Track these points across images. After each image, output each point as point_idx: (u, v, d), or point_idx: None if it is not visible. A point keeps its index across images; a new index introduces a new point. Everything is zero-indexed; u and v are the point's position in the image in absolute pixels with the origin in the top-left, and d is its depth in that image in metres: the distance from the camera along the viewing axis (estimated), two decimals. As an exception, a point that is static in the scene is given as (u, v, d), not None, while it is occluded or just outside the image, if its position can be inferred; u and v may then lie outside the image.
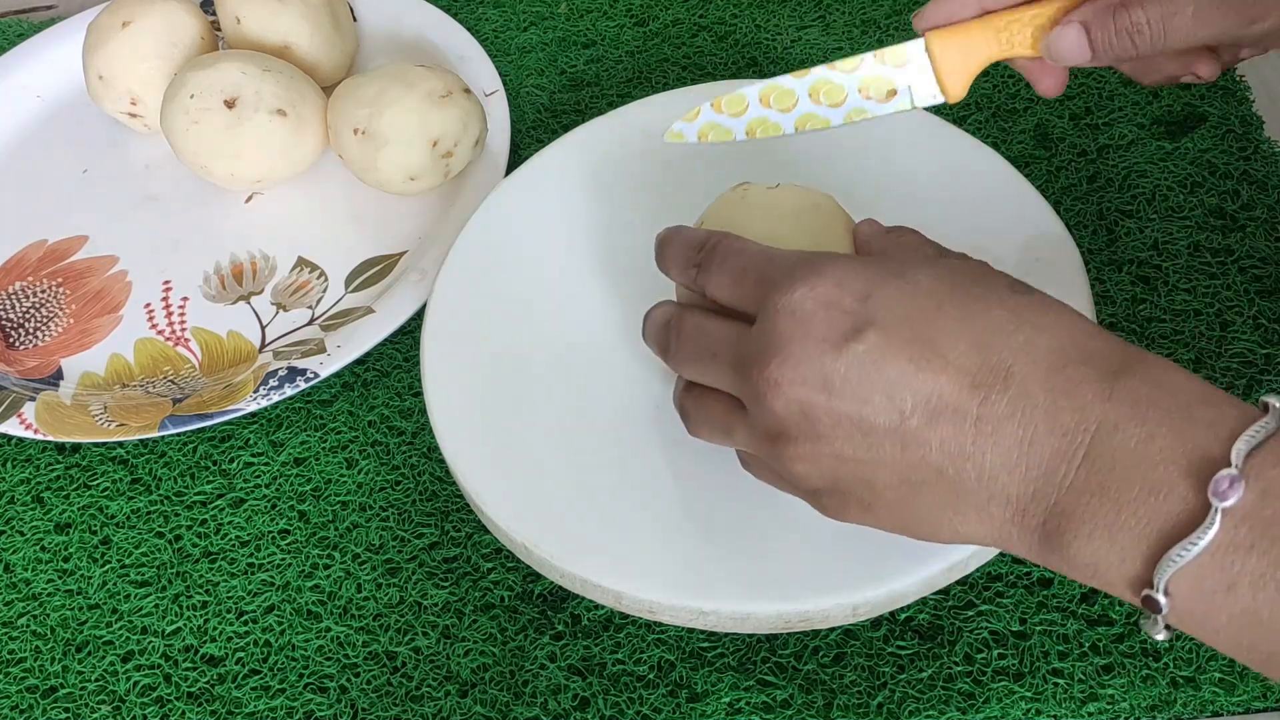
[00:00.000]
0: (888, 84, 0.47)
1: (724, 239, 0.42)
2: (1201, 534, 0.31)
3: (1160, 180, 0.60)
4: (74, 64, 0.72)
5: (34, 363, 0.62)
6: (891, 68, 0.47)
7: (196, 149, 0.63)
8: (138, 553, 0.54)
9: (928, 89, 0.47)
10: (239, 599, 0.52)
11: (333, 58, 0.69)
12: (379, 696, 0.49)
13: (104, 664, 0.51)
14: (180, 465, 0.57)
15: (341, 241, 0.65)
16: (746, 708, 0.47)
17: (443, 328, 0.54)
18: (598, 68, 0.71)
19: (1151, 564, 0.32)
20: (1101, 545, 0.33)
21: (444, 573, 0.52)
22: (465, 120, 0.62)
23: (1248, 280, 0.56)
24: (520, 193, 0.58)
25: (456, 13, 0.75)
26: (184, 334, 0.62)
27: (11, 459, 0.58)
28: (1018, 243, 0.53)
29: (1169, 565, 0.32)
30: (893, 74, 0.47)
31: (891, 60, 0.47)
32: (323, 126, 0.65)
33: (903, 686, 0.46)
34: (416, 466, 0.55)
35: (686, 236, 0.43)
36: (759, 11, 0.73)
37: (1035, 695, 0.46)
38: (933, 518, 0.37)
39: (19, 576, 0.54)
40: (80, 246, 0.67)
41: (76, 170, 0.71)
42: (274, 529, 0.54)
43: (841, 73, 0.47)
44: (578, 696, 0.48)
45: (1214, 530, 0.31)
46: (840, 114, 0.48)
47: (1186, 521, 0.32)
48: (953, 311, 0.36)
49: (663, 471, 0.48)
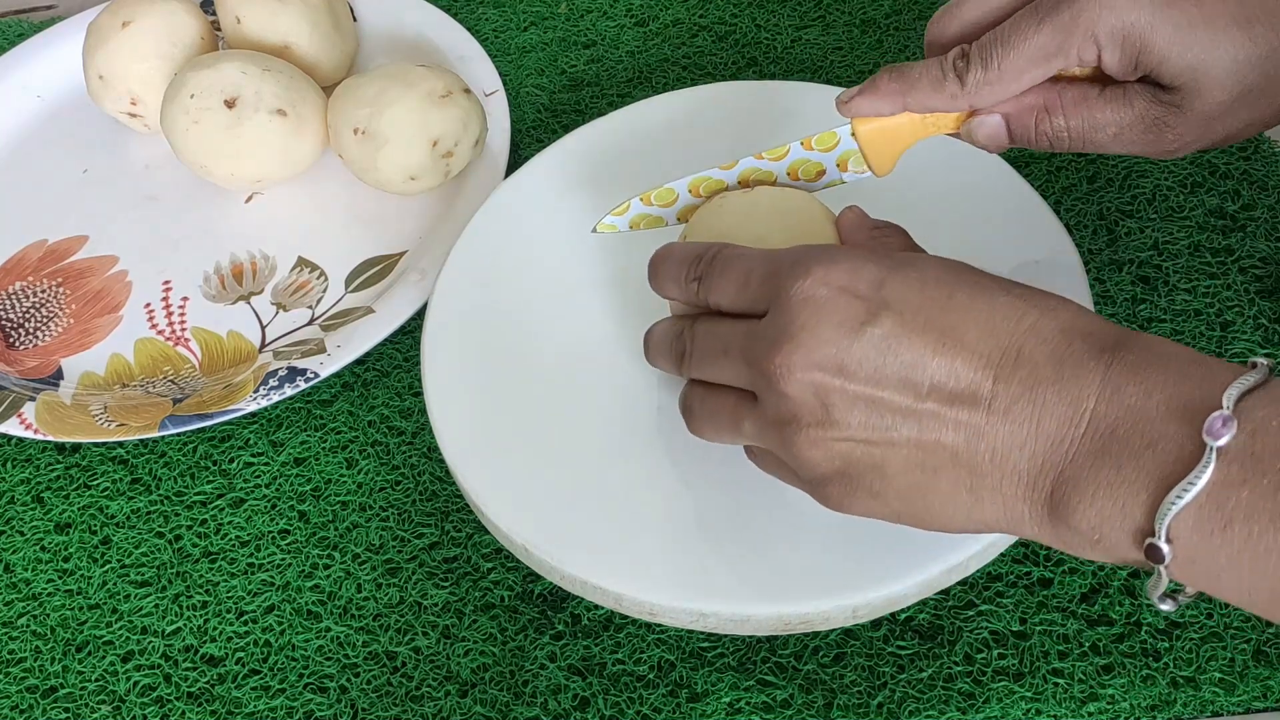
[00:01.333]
0: (817, 166, 0.48)
1: (723, 248, 0.42)
2: (1199, 473, 0.32)
3: (1160, 180, 0.60)
4: (74, 64, 0.72)
5: (34, 363, 0.62)
6: (819, 151, 0.48)
7: (196, 149, 0.63)
8: (138, 553, 0.54)
9: (855, 166, 0.48)
10: (239, 599, 0.52)
11: (333, 58, 0.69)
12: (379, 696, 0.49)
13: (104, 664, 0.51)
14: (180, 465, 0.57)
15: (341, 241, 0.65)
16: (746, 708, 0.47)
17: (443, 328, 0.54)
18: (598, 68, 0.71)
19: (1152, 512, 0.33)
20: (1104, 505, 0.34)
21: (444, 573, 0.52)
22: (465, 120, 0.62)
23: (1248, 280, 0.56)
24: (520, 193, 0.58)
25: (456, 13, 0.75)
26: (184, 334, 0.62)
27: (11, 459, 0.58)
28: (1017, 243, 0.53)
29: (1169, 508, 0.32)
30: (821, 157, 0.48)
31: (819, 145, 0.48)
32: (323, 126, 0.65)
33: (903, 686, 0.46)
34: (416, 466, 0.55)
35: (680, 253, 0.43)
36: (759, 11, 0.73)
37: (1035, 695, 0.46)
38: (946, 503, 0.37)
39: (19, 576, 0.54)
40: (80, 246, 0.67)
41: (76, 170, 0.71)
42: (274, 529, 0.54)
43: (770, 160, 0.48)
44: (578, 696, 0.48)
45: (1210, 469, 0.32)
46: None
47: (1184, 466, 0.33)
48: (963, 299, 0.37)
49: (663, 473, 0.48)
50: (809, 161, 0.48)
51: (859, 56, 0.69)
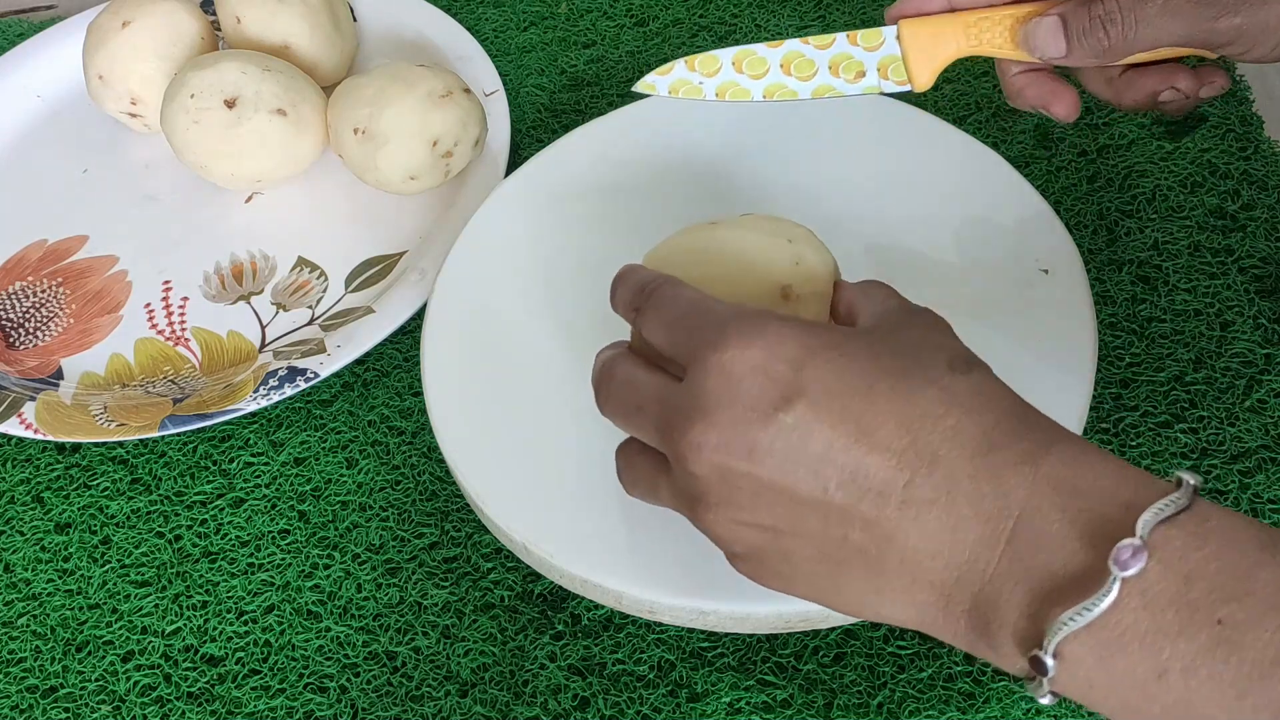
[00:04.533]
0: (858, 65, 0.48)
1: (663, 284, 0.40)
2: (1098, 600, 0.31)
3: (1160, 180, 0.60)
4: (74, 64, 0.72)
5: (34, 362, 0.62)
6: (863, 49, 0.48)
7: (196, 149, 0.63)
8: (138, 553, 0.54)
9: (896, 75, 0.48)
10: (239, 599, 0.52)
11: (333, 58, 0.69)
12: (379, 696, 0.49)
13: (104, 664, 0.51)
14: (180, 465, 0.57)
15: (341, 241, 0.65)
16: (746, 708, 0.47)
17: (443, 328, 0.54)
18: (598, 68, 0.71)
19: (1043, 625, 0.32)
20: (1018, 622, 0.33)
21: (444, 573, 0.52)
22: (465, 120, 0.62)
23: (1248, 280, 0.56)
24: (520, 193, 0.58)
25: (456, 13, 0.75)
26: (184, 334, 0.62)
27: (11, 459, 0.58)
28: (1018, 244, 0.53)
29: (1061, 628, 0.31)
30: (863, 55, 0.48)
31: (864, 42, 0.48)
32: (323, 126, 0.65)
33: (903, 686, 0.46)
34: (416, 466, 0.55)
35: (633, 277, 0.42)
36: (759, 11, 0.73)
37: (1035, 695, 0.46)
38: (853, 595, 0.36)
39: (19, 576, 0.54)
40: (80, 246, 0.67)
41: (76, 170, 0.71)
42: (274, 529, 0.54)
43: (815, 48, 0.48)
44: (578, 696, 0.48)
45: (1110, 598, 0.31)
46: (809, 88, 0.49)
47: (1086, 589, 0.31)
48: (884, 391, 0.35)
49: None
50: (851, 58, 0.48)
51: (859, 56, 0.69)
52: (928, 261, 0.53)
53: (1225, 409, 0.52)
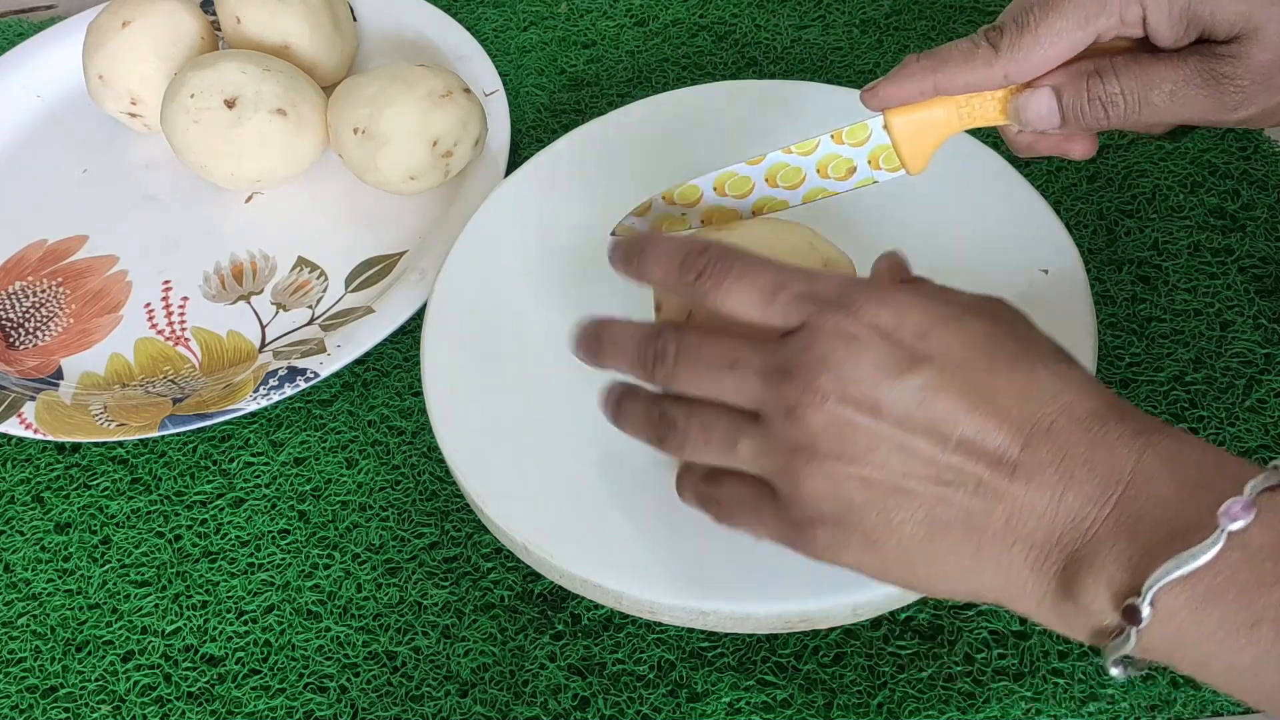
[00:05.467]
0: (847, 163, 0.46)
1: (727, 250, 0.39)
2: (1205, 549, 0.32)
3: (1160, 180, 0.60)
4: (74, 64, 0.72)
5: (34, 362, 0.62)
6: (850, 146, 0.46)
7: (196, 149, 0.63)
8: (138, 553, 0.54)
9: (888, 163, 0.46)
10: (239, 599, 0.52)
11: (333, 57, 0.69)
12: (379, 696, 0.49)
13: (104, 664, 0.51)
14: (180, 465, 0.57)
15: (341, 241, 0.65)
16: (746, 708, 0.47)
17: (443, 328, 0.54)
18: (598, 68, 0.71)
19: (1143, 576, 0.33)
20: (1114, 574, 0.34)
21: (444, 573, 0.52)
22: (465, 120, 0.62)
23: (1248, 280, 0.56)
24: (520, 193, 0.58)
25: (456, 13, 0.75)
26: (184, 334, 0.62)
27: (11, 459, 0.58)
28: (1018, 243, 0.53)
29: (1165, 575, 0.32)
30: (852, 152, 0.46)
31: (850, 139, 0.46)
32: (323, 126, 0.65)
33: (903, 686, 0.46)
34: (416, 466, 0.55)
35: (677, 240, 0.40)
36: (759, 11, 0.73)
37: (1035, 695, 0.46)
38: (941, 563, 0.36)
39: (19, 576, 0.54)
40: (80, 246, 0.67)
41: (76, 170, 0.71)
42: (274, 529, 0.54)
43: (799, 155, 0.46)
44: (578, 696, 0.48)
45: (1217, 548, 0.32)
46: (799, 195, 0.47)
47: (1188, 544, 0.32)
48: (1004, 367, 0.36)
49: (664, 472, 0.48)
50: (839, 157, 0.46)
51: (859, 56, 0.69)
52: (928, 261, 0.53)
53: (1225, 409, 0.52)
